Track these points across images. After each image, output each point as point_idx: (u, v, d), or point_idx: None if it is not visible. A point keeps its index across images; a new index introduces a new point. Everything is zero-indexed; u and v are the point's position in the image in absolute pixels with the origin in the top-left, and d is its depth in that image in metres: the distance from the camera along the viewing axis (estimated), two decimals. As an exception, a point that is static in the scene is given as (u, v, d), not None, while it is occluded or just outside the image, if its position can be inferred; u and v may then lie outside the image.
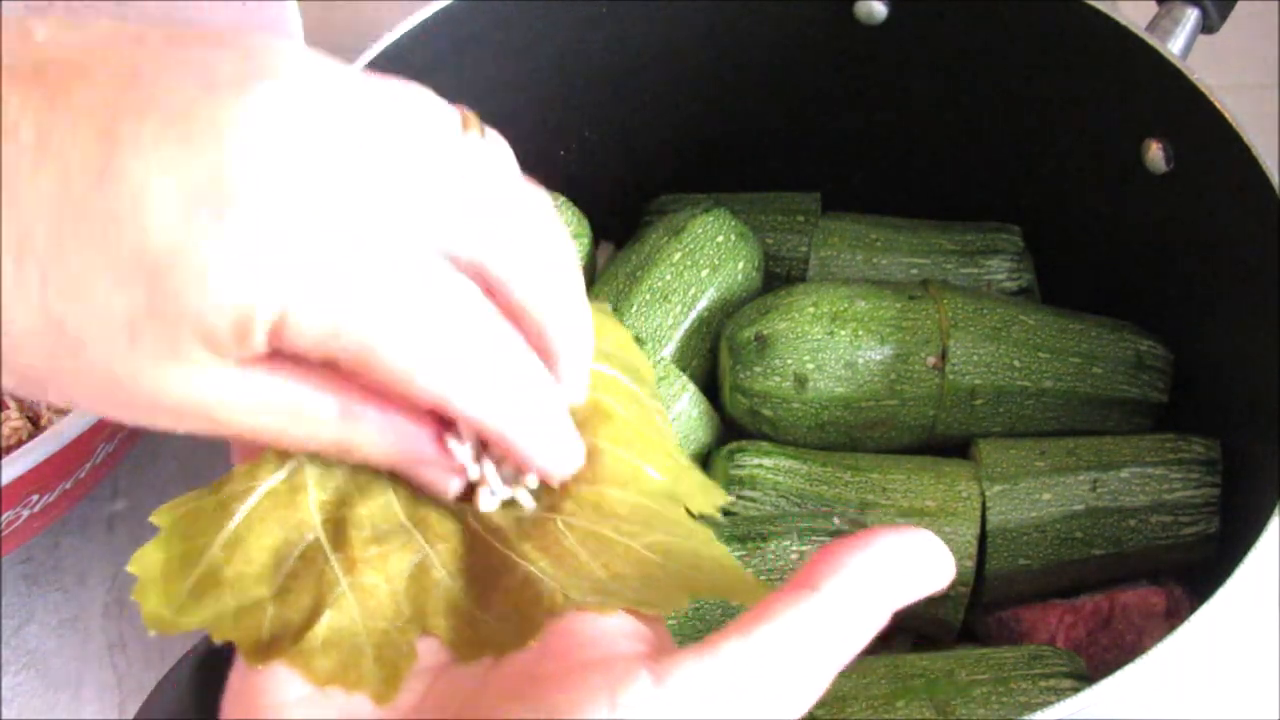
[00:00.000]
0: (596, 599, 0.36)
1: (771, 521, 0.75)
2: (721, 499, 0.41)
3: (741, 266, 0.85)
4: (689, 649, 0.33)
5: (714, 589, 0.37)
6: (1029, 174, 0.87)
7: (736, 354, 0.81)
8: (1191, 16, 0.79)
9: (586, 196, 0.88)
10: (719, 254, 0.85)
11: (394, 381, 0.35)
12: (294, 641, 0.35)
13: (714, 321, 0.84)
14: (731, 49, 0.87)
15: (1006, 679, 0.70)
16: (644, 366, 0.42)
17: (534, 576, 0.37)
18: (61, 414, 0.75)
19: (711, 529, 0.40)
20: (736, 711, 0.33)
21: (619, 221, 0.93)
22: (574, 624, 0.36)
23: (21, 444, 0.71)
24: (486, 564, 0.38)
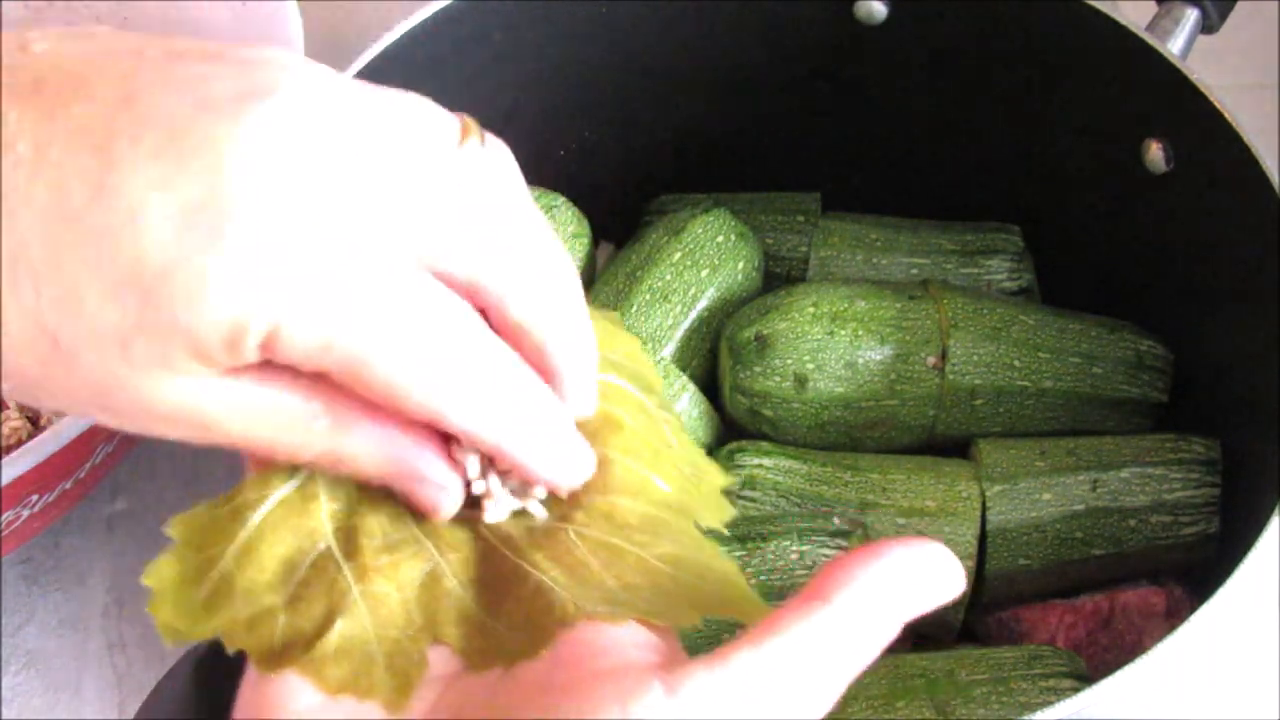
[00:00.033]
0: (607, 609, 0.36)
1: (771, 521, 0.75)
2: (730, 513, 0.41)
3: (741, 266, 0.85)
4: (700, 659, 0.33)
5: (721, 605, 0.37)
6: (1029, 174, 0.87)
7: (736, 354, 0.81)
8: (1191, 16, 0.79)
9: (586, 196, 0.88)
10: (719, 254, 0.85)
11: (386, 395, 0.35)
12: (306, 650, 0.36)
13: (714, 321, 0.84)
14: (731, 49, 0.87)
15: (1006, 679, 0.70)
16: (653, 376, 0.42)
17: (545, 586, 0.37)
18: (61, 414, 0.75)
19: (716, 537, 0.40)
20: None
21: (619, 221, 0.92)
22: (586, 634, 0.36)
23: (21, 444, 0.71)
24: (498, 573, 0.38)
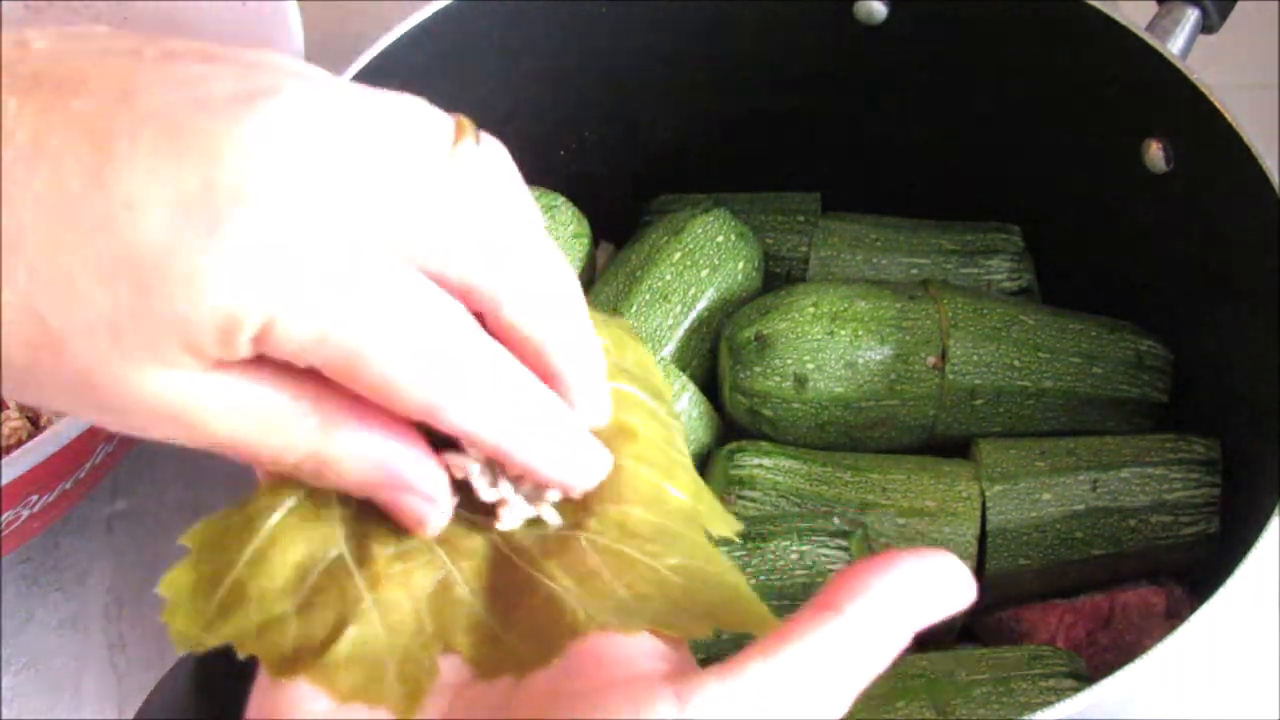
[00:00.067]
0: (619, 619, 0.36)
1: (771, 521, 0.75)
2: (737, 525, 0.41)
3: (741, 266, 0.85)
4: (712, 670, 0.33)
5: (731, 617, 0.37)
6: (1029, 174, 0.87)
7: (736, 354, 0.81)
8: (1191, 16, 0.79)
9: (586, 196, 0.88)
10: (719, 254, 0.85)
11: (381, 390, 0.35)
12: (317, 657, 0.36)
13: (714, 321, 0.84)
14: (731, 49, 0.87)
15: (1006, 679, 0.70)
16: (662, 384, 0.42)
17: (557, 595, 0.37)
18: (60, 414, 0.75)
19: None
20: None
21: (619, 221, 0.92)
22: (597, 643, 0.36)
23: (21, 444, 0.71)
24: (510, 582, 0.38)
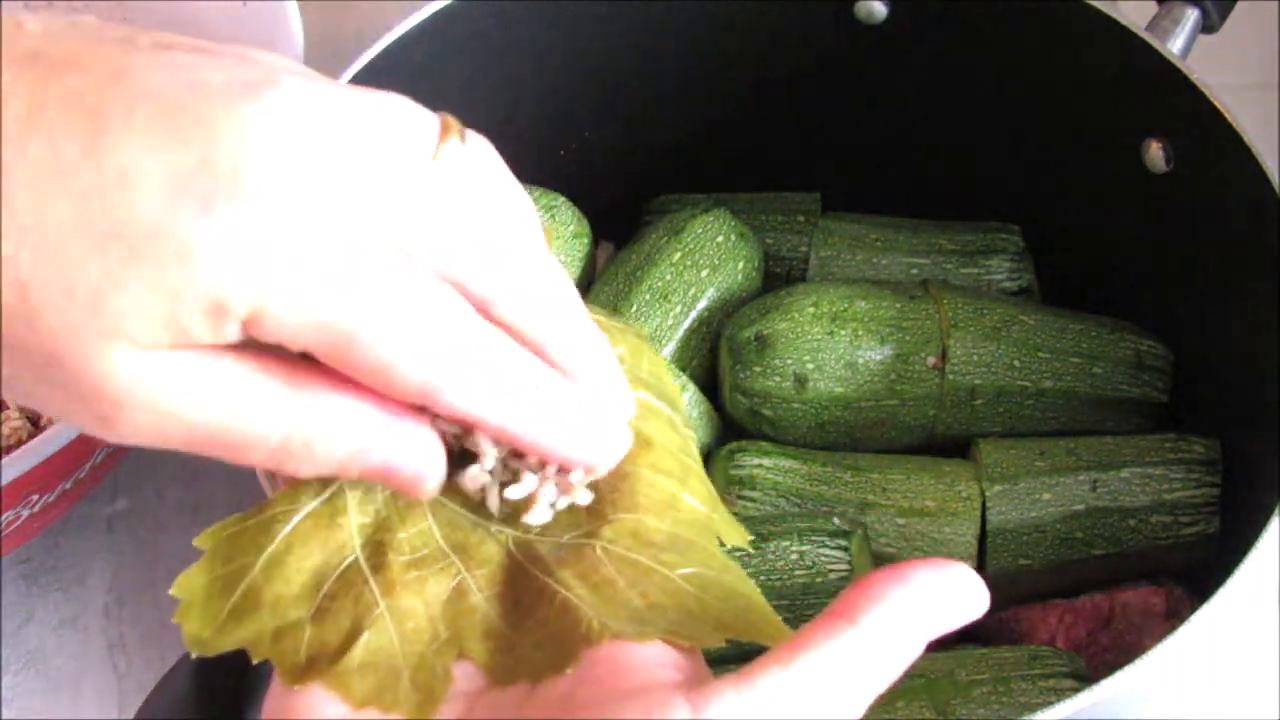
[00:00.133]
0: (633, 628, 0.36)
1: (771, 521, 0.75)
2: (749, 536, 0.41)
3: (741, 266, 0.85)
4: (726, 679, 0.33)
5: (745, 627, 0.37)
6: (1029, 174, 0.87)
7: (736, 354, 0.81)
8: (1191, 16, 0.79)
9: (586, 196, 0.87)
10: (719, 254, 0.85)
11: (376, 370, 0.35)
12: (331, 663, 0.36)
13: (714, 321, 0.84)
14: (731, 49, 0.87)
15: (1006, 679, 0.71)
16: (675, 393, 0.42)
17: (571, 603, 0.37)
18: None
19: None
20: None
21: (619, 221, 0.92)
22: (611, 651, 0.36)
23: (21, 444, 0.71)
24: (524, 590, 0.38)
